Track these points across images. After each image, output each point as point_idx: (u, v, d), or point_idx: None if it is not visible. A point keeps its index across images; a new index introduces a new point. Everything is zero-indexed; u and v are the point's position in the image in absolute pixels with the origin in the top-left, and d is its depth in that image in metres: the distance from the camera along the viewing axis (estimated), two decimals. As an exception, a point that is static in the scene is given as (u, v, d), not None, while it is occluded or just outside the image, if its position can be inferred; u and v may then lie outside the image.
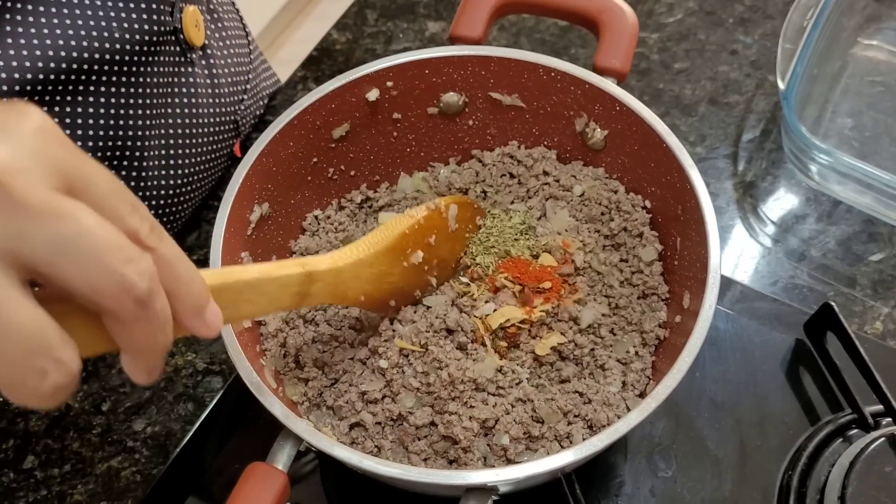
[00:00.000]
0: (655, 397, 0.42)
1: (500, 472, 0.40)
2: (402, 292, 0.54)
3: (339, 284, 0.47)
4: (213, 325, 0.33)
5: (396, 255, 0.51)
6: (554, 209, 0.58)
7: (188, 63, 0.62)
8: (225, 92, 0.68)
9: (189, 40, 0.61)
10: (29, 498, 0.58)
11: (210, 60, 0.66)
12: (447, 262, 0.56)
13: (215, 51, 0.67)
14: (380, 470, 0.41)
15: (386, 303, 0.53)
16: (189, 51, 0.62)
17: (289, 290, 0.43)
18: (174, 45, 0.60)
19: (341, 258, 0.47)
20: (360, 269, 0.49)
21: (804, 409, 0.60)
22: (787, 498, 0.55)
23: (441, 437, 0.49)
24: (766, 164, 0.74)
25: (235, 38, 0.71)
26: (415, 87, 0.59)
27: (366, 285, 0.50)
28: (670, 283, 0.55)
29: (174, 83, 0.61)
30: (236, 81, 0.70)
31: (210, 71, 0.65)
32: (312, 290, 0.45)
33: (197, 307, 0.32)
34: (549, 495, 0.55)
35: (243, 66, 0.72)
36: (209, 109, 0.66)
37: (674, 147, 0.52)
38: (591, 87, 0.55)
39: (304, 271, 0.43)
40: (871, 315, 0.65)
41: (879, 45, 0.79)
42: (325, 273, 0.45)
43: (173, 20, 0.58)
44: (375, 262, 0.50)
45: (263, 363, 0.52)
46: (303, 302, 0.45)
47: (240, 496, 0.40)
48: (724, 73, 0.80)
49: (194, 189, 0.67)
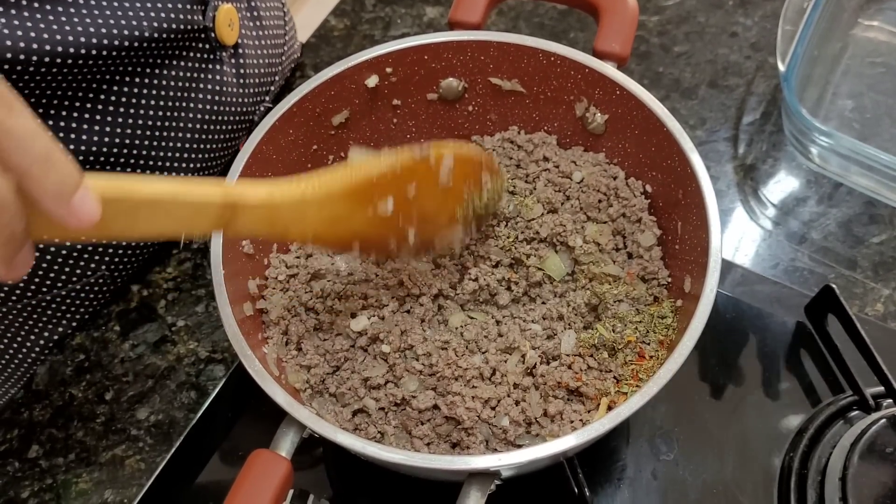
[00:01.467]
0: (657, 381, 0.42)
1: (502, 456, 0.40)
2: (369, 240, 0.48)
3: (276, 220, 0.42)
4: (82, 216, 0.29)
5: (357, 200, 0.45)
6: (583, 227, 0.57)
7: (216, 61, 0.61)
8: (250, 92, 0.68)
9: (220, 39, 0.60)
10: (34, 487, 0.59)
11: (241, 60, 0.65)
12: (433, 217, 0.50)
13: (248, 49, 0.67)
14: (383, 456, 0.41)
15: (346, 246, 0.48)
16: (219, 49, 0.61)
17: (203, 217, 0.38)
18: (203, 43, 0.59)
19: (281, 194, 0.41)
20: (303, 209, 0.43)
21: (805, 391, 0.60)
22: (788, 480, 0.55)
23: (444, 419, 0.49)
24: (767, 146, 0.74)
25: (272, 38, 0.71)
26: (414, 73, 0.58)
27: (314, 226, 0.44)
28: (671, 268, 0.55)
29: (200, 79, 0.60)
30: (263, 82, 0.70)
31: (239, 70, 0.65)
32: (238, 221, 0.40)
33: (58, 192, 0.28)
34: (551, 479, 0.55)
35: (273, 66, 0.72)
36: (233, 108, 0.65)
37: (674, 131, 0.52)
38: (592, 71, 0.55)
39: (223, 202, 0.38)
40: (871, 297, 0.65)
41: (880, 25, 0.79)
42: (254, 208, 0.40)
43: (205, 19, 0.58)
44: (326, 204, 0.44)
45: (266, 351, 0.52)
46: (227, 231, 0.41)
47: (244, 483, 0.41)
48: (724, 56, 0.80)
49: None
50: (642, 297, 0.54)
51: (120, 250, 0.62)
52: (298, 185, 0.42)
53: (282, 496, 0.41)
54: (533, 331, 0.53)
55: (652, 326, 0.52)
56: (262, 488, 0.40)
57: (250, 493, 0.40)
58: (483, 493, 0.41)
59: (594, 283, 0.54)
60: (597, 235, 0.56)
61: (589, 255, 0.55)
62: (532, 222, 0.56)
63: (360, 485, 0.58)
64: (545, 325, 0.54)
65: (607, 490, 0.56)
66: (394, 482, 0.57)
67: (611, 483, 0.56)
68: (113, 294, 0.66)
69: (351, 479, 0.58)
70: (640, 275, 0.55)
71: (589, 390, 0.50)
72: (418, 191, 0.47)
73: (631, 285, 0.54)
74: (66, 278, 0.59)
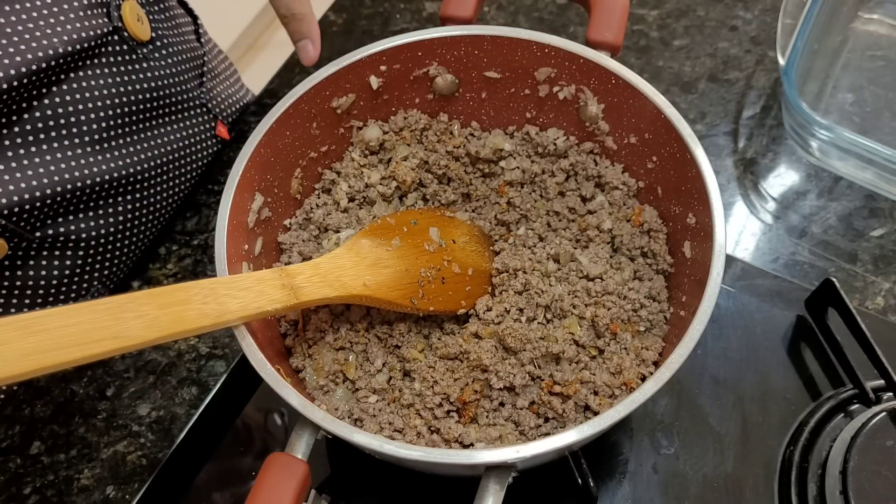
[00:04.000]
0: (669, 366, 0.42)
1: (520, 448, 0.40)
2: (412, 278, 0.53)
3: (327, 275, 0.48)
4: None
5: (376, 238, 0.53)
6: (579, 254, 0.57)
7: (140, 59, 0.61)
8: (185, 79, 0.67)
9: (135, 36, 0.60)
10: (36, 483, 0.59)
11: (164, 50, 0.64)
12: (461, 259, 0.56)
13: (169, 38, 0.66)
14: (401, 453, 0.40)
15: (404, 295, 0.52)
16: (137, 47, 0.60)
17: (270, 283, 0.45)
18: (120, 45, 0.58)
19: (317, 262, 0.49)
20: (339, 260, 0.50)
21: (805, 384, 0.60)
22: (788, 473, 0.56)
23: (470, 367, 0.51)
24: (767, 140, 0.74)
25: (183, 27, 0.71)
26: (408, 70, 0.58)
27: (360, 273, 0.50)
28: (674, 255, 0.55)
29: (130, 80, 0.59)
30: (192, 67, 0.69)
31: (168, 60, 0.64)
32: (297, 282, 0.46)
33: None
34: (555, 473, 0.56)
35: (195, 50, 0.71)
36: (173, 98, 0.65)
37: (672, 117, 0.51)
38: (586, 61, 0.55)
39: (278, 269, 0.46)
40: (872, 290, 0.65)
41: (880, 18, 0.79)
42: (301, 267, 0.48)
43: (111, 20, 0.57)
44: (352, 249, 0.51)
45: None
46: (295, 296, 0.46)
47: (262, 488, 0.40)
48: (724, 50, 0.80)
49: (176, 176, 0.67)
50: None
51: (107, 262, 0.62)
52: (331, 254, 0.51)
53: (300, 501, 0.41)
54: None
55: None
56: (281, 492, 0.40)
57: (270, 500, 0.40)
58: (502, 486, 0.41)
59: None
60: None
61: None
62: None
63: (362, 479, 0.58)
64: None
65: (609, 484, 0.56)
66: (406, 479, 0.57)
67: (613, 477, 0.57)
68: (113, 290, 0.66)
69: (353, 473, 0.59)
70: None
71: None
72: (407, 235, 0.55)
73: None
74: (64, 299, 0.60)
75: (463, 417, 0.50)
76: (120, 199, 0.61)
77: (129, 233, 0.63)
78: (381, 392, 0.52)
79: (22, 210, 0.52)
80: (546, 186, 0.59)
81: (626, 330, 0.52)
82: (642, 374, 0.50)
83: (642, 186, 0.58)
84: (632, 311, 0.53)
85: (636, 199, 0.58)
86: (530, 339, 0.51)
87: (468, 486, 0.43)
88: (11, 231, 0.53)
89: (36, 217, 0.54)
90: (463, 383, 0.51)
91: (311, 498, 0.44)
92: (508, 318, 0.53)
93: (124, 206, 0.61)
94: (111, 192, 0.59)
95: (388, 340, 0.54)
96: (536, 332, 0.52)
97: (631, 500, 0.56)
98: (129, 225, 0.62)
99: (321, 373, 0.52)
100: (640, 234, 0.56)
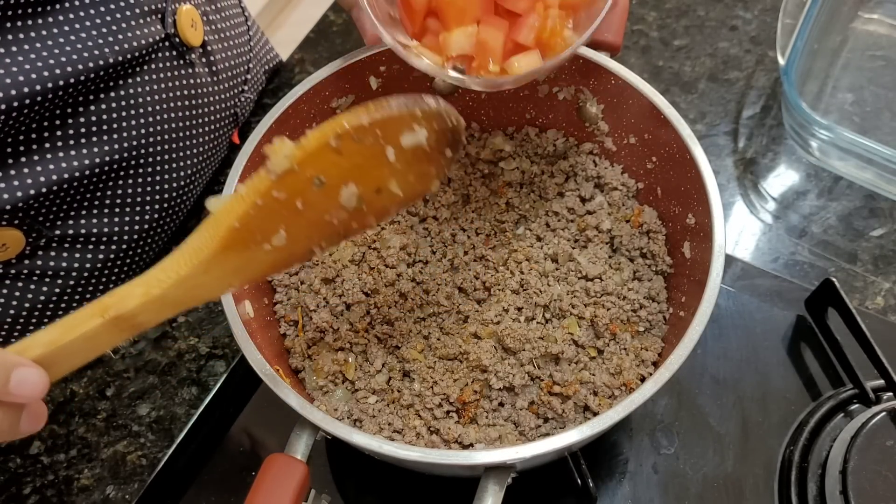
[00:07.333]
0: (669, 367, 0.42)
1: (519, 449, 0.40)
2: (297, 255, 0.43)
3: (176, 302, 0.38)
4: (19, 395, 0.32)
5: (242, 247, 0.39)
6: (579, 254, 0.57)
7: (188, 65, 0.61)
8: (226, 87, 0.68)
9: (186, 41, 0.60)
10: (36, 483, 0.59)
11: (210, 57, 0.65)
12: (365, 193, 0.42)
13: (215, 45, 0.66)
14: (400, 454, 0.40)
15: (279, 270, 0.44)
16: (187, 52, 0.61)
17: (100, 339, 0.36)
18: (170, 51, 0.59)
19: (158, 284, 0.37)
20: (193, 281, 0.38)
21: (805, 384, 0.60)
22: (788, 473, 0.56)
23: (470, 367, 0.50)
24: (767, 140, 0.74)
25: (236, 28, 0.71)
26: (408, 70, 0.58)
27: (222, 283, 0.40)
28: (673, 255, 0.55)
29: (175, 87, 0.60)
30: (237, 74, 0.70)
31: (210, 68, 0.65)
32: (138, 321, 0.37)
33: None
34: (555, 473, 0.55)
35: (243, 55, 0.71)
36: (211, 108, 0.65)
37: (671, 117, 0.51)
38: (586, 61, 0.55)
39: (105, 320, 0.36)
40: (872, 290, 0.65)
41: (880, 18, 0.79)
42: (138, 308, 0.37)
43: (165, 27, 0.58)
44: (211, 267, 0.38)
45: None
46: (135, 331, 0.38)
47: (261, 489, 0.40)
48: (724, 50, 0.80)
49: (197, 181, 0.68)
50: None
51: (100, 285, 0.63)
52: (170, 269, 0.38)
53: (299, 501, 0.41)
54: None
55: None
56: (281, 493, 0.40)
57: (269, 501, 0.40)
58: (501, 487, 0.41)
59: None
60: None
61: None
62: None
63: (361, 479, 0.58)
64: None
65: (609, 484, 0.56)
66: (395, 476, 0.57)
67: (613, 477, 0.56)
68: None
69: (353, 473, 0.59)
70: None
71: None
72: (306, 200, 0.40)
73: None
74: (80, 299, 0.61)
75: (462, 418, 0.50)
76: (147, 208, 0.62)
77: (147, 235, 0.64)
78: (381, 392, 0.52)
79: (40, 202, 0.53)
80: (545, 187, 0.59)
81: (626, 330, 0.52)
82: (642, 375, 0.50)
83: (641, 187, 0.58)
84: (631, 311, 0.53)
85: (636, 200, 0.58)
86: (529, 339, 0.51)
87: (468, 486, 0.43)
88: (29, 225, 0.53)
89: (55, 213, 0.55)
90: (462, 384, 0.51)
91: (311, 498, 0.44)
92: (507, 318, 0.53)
93: (150, 214, 0.62)
94: (137, 197, 0.60)
95: (388, 341, 0.54)
96: (535, 332, 0.52)
97: (631, 500, 0.56)
98: (148, 227, 0.63)
99: (320, 373, 0.52)
100: (639, 235, 0.56)
